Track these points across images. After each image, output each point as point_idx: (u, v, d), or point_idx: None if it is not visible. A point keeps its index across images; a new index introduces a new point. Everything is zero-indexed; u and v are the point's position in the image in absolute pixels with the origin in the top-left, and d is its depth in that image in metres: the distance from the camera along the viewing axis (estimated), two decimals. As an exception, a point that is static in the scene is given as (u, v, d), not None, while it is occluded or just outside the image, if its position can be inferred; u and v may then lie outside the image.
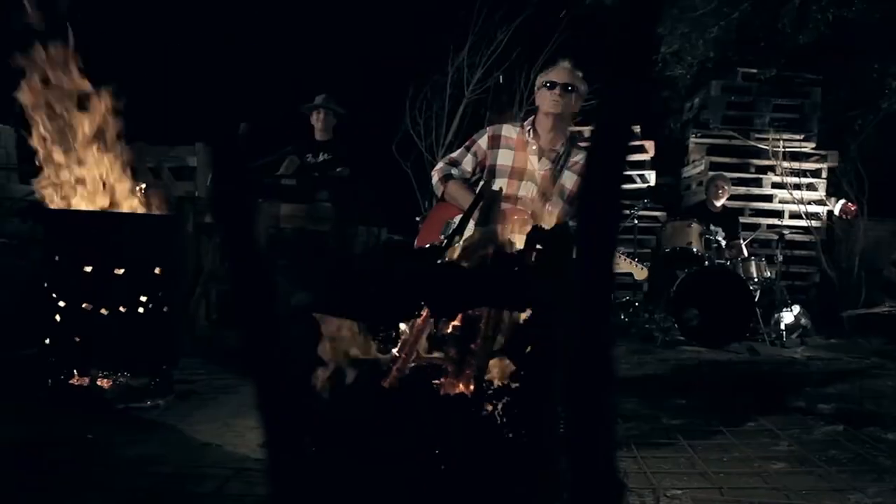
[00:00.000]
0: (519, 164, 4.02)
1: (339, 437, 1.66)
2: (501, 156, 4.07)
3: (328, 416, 1.68)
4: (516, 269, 1.69)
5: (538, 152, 4.02)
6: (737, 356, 6.72)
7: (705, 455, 3.25)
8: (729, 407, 4.25)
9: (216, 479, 2.71)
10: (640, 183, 9.87)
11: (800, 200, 9.55)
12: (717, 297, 7.16)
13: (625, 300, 8.54)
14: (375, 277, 1.76)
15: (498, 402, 1.62)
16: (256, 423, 3.59)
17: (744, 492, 2.78)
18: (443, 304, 1.71)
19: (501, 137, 4.12)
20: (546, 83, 4.02)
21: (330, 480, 1.64)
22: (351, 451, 1.63)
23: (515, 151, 4.05)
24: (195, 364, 4.83)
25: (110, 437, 3.20)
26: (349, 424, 1.66)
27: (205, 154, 6.87)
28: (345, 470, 1.63)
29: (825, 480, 2.93)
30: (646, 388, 4.80)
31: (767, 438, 3.59)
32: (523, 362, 1.66)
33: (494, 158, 4.08)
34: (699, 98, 10.24)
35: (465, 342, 1.75)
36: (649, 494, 2.70)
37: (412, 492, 1.58)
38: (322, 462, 1.66)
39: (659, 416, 4.02)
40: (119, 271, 3.73)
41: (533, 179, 3.98)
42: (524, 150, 4.04)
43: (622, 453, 3.24)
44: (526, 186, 4.00)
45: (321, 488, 1.65)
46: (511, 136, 4.10)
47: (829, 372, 5.72)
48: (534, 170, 3.99)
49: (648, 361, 6.21)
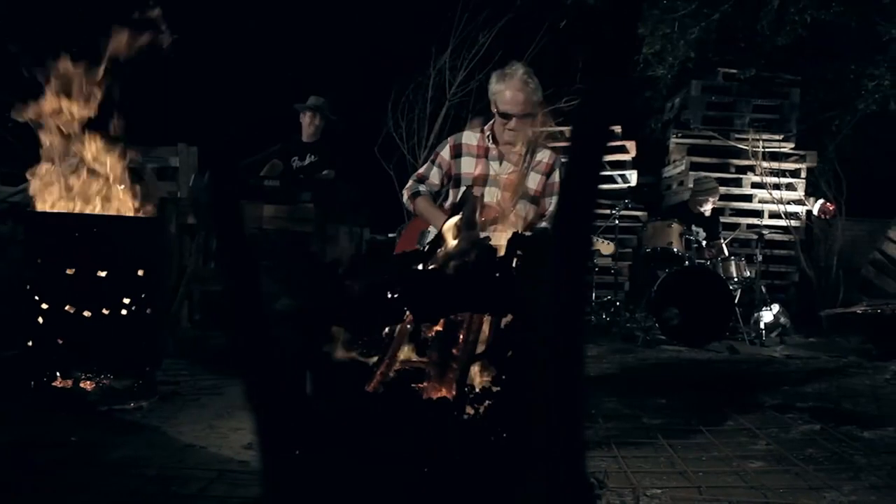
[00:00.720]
0: (481, 171, 4.06)
1: (324, 440, 1.68)
2: (464, 164, 4.12)
3: (313, 420, 1.70)
4: (497, 275, 1.72)
5: (498, 157, 4.06)
6: (717, 355, 6.79)
7: (685, 454, 3.29)
8: (708, 406, 4.29)
9: (200, 480, 2.72)
10: (621, 183, 9.93)
11: (779, 200, 9.63)
12: (697, 297, 7.23)
13: (606, 300, 8.60)
14: (359, 283, 1.78)
15: (479, 405, 1.65)
16: (240, 425, 3.63)
17: (722, 490, 2.82)
18: (425, 310, 1.73)
19: (462, 145, 4.17)
20: (500, 112, 4.01)
21: (314, 483, 1.66)
22: (335, 453, 1.66)
23: (476, 158, 4.09)
24: (178, 365, 4.83)
25: (94, 440, 3.20)
26: (333, 427, 1.68)
27: (187, 154, 6.86)
28: (329, 472, 1.66)
29: (802, 479, 2.97)
30: (627, 388, 4.85)
31: (746, 437, 3.63)
32: (504, 366, 1.69)
33: (458, 167, 4.14)
34: (680, 98, 10.31)
35: (448, 346, 1.78)
36: (629, 494, 2.73)
37: (396, 494, 1.61)
38: (307, 465, 1.68)
39: (640, 415, 4.07)
40: (102, 273, 3.74)
41: (496, 184, 4.01)
42: (485, 157, 4.07)
43: (603, 453, 3.27)
44: (490, 192, 4.04)
45: (306, 491, 1.67)
46: (471, 142, 4.15)
47: (807, 371, 5.79)
48: (495, 175, 4.02)
49: (630, 361, 6.26)
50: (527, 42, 9.15)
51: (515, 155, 4.07)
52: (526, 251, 1.73)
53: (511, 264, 1.74)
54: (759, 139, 9.72)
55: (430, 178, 4.21)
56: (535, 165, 4.08)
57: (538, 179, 4.05)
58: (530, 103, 3.97)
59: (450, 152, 4.18)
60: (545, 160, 4.10)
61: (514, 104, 3.96)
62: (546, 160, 4.10)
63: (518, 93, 3.95)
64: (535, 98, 4.00)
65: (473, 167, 4.08)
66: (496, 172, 4.04)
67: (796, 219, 9.78)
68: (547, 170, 4.08)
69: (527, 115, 3.96)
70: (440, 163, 4.20)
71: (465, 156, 4.14)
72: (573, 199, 1.24)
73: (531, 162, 4.08)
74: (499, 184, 4.01)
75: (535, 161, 4.08)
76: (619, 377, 5.47)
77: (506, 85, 4.00)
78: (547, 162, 4.09)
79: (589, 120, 1.22)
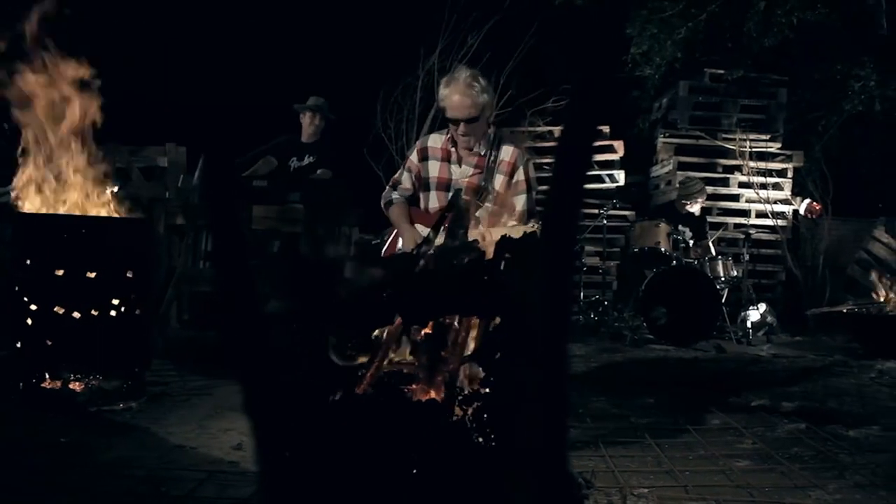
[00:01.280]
0: (443, 175, 4.09)
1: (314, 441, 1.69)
2: (430, 168, 4.17)
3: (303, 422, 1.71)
4: (485, 278, 1.74)
5: (457, 160, 4.09)
6: (704, 354, 6.83)
7: (672, 453, 3.32)
8: (695, 405, 4.33)
9: (191, 481, 2.73)
10: (609, 182, 9.97)
11: (766, 200, 9.69)
12: (684, 296, 7.27)
13: (594, 299, 8.64)
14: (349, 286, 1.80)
15: (468, 407, 1.67)
16: (230, 426, 3.63)
17: (709, 489, 2.84)
18: (414, 312, 1.75)
19: (428, 149, 4.21)
20: (449, 118, 4.03)
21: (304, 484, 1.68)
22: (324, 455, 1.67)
23: (440, 162, 4.13)
24: (167, 365, 4.83)
25: (84, 441, 3.21)
26: (323, 429, 1.70)
27: (175, 154, 6.85)
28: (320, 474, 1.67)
29: (788, 478, 3.00)
30: (615, 387, 4.88)
31: (732, 436, 3.66)
32: (493, 368, 1.71)
33: (426, 171, 4.18)
34: (667, 98, 10.36)
35: (437, 349, 1.80)
36: (616, 493, 2.76)
37: (386, 495, 1.62)
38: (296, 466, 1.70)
39: (627, 415, 4.10)
40: (91, 275, 3.74)
41: (456, 188, 4.03)
42: (447, 160, 4.10)
43: (591, 452, 3.30)
44: None
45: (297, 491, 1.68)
46: (436, 145, 4.19)
47: (793, 370, 5.84)
48: (456, 179, 4.05)
49: (617, 360, 6.29)
50: (515, 43, 9.18)
51: (475, 157, 4.08)
52: (514, 255, 1.75)
53: (499, 267, 1.76)
54: (746, 139, 9.77)
55: (403, 183, 4.24)
56: (497, 165, 4.06)
57: (501, 180, 4.03)
58: (476, 106, 3.93)
59: (417, 156, 4.22)
60: (507, 159, 4.06)
61: (460, 109, 3.95)
62: (507, 159, 4.06)
63: (463, 97, 3.93)
64: (482, 100, 3.96)
65: (438, 171, 4.12)
66: (457, 177, 4.06)
67: (783, 218, 9.84)
68: (509, 169, 4.05)
69: (473, 118, 3.95)
70: (409, 167, 4.24)
71: (430, 159, 4.17)
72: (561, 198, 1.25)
73: (495, 163, 4.06)
74: (461, 187, 4.02)
75: (498, 161, 4.06)
76: (607, 376, 5.50)
77: (451, 90, 3.99)
78: (508, 161, 4.06)
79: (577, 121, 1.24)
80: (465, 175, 4.06)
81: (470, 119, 3.94)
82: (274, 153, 6.87)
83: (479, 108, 3.94)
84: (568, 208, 1.24)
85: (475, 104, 3.93)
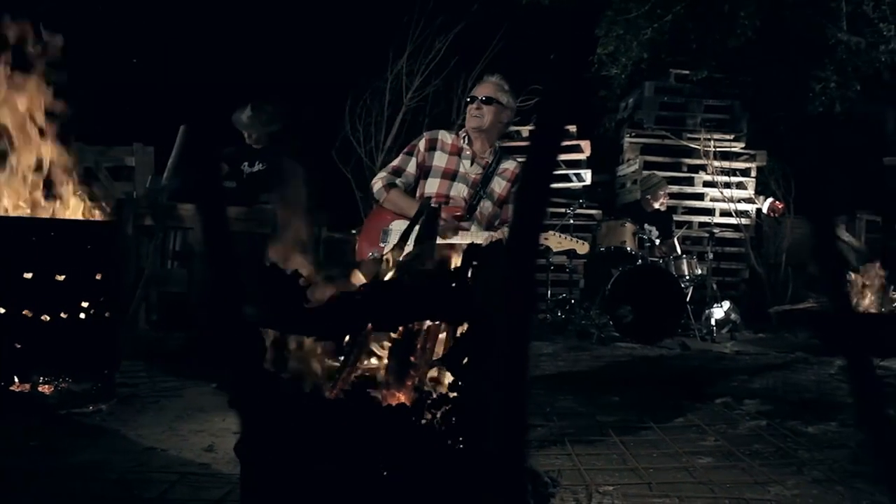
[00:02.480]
0: (451, 166, 4.23)
1: (285, 446, 1.73)
2: (437, 157, 4.32)
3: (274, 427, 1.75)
4: (453, 285, 1.78)
5: (471, 157, 4.26)
6: (669, 351, 6.94)
7: (636, 451, 3.39)
8: (660, 403, 4.41)
9: (162, 483, 2.75)
10: (576, 181, 10.07)
11: (730, 199, 9.84)
12: (649, 295, 7.37)
13: (561, 297, 8.72)
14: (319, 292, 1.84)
15: (437, 411, 1.72)
16: (200, 427, 3.65)
17: (671, 486, 2.91)
18: (384, 318, 1.80)
19: (438, 141, 4.40)
20: (469, 97, 4.35)
21: (276, 489, 1.72)
22: (296, 460, 1.71)
23: (449, 154, 4.28)
24: (137, 367, 4.83)
25: (55, 444, 3.21)
26: (294, 434, 1.73)
27: (143, 154, 6.83)
28: (290, 478, 1.71)
29: (748, 474, 3.08)
30: (581, 386, 4.95)
31: (695, 433, 3.74)
32: (461, 373, 1.75)
33: (431, 160, 4.33)
34: (633, 98, 10.48)
35: (406, 354, 1.85)
36: (582, 491, 2.82)
37: (356, 498, 1.67)
38: (267, 471, 1.73)
39: (594, 413, 4.16)
40: (60, 278, 3.74)
41: (464, 181, 4.20)
42: (458, 155, 4.25)
43: (558, 451, 3.36)
44: (456, 187, 4.23)
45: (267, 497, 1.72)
46: (447, 140, 4.39)
47: (755, 366, 5.95)
48: (465, 172, 4.20)
49: (584, 358, 6.37)
50: (483, 46, 9.25)
51: (483, 160, 4.32)
52: (482, 261, 1.80)
53: (467, 274, 1.81)
54: (710, 139, 9.91)
55: (407, 170, 4.41)
56: (501, 172, 4.32)
57: (503, 185, 4.32)
58: (496, 94, 4.26)
59: (425, 144, 4.40)
60: (511, 168, 4.35)
61: (480, 89, 4.32)
62: (512, 168, 4.36)
63: (489, 84, 4.32)
64: (503, 96, 4.30)
65: (445, 162, 4.26)
66: (466, 170, 4.21)
67: (746, 217, 10.01)
68: (512, 177, 4.36)
69: (488, 101, 4.23)
70: (415, 153, 4.43)
71: (438, 150, 4.36)
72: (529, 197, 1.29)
73: (497, 168, 4.30)
74: (467, 180, 4.21)
75: (502, 168, 4.33)
76: (574, 375, 5.57)
77: (478, 84, 4.43)
78: (513, 170, 4.36)
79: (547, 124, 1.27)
80: (474, 172, 4.28)
81: (484, 99, 4.23)
82: (224, 161, 6.87)
83: (497, 95, 4.26)
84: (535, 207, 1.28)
85: (496, 91, 4.27)
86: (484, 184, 4.26)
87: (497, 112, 4.28)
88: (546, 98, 1.24)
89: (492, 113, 4.26)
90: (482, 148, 4.31)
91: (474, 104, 4.27)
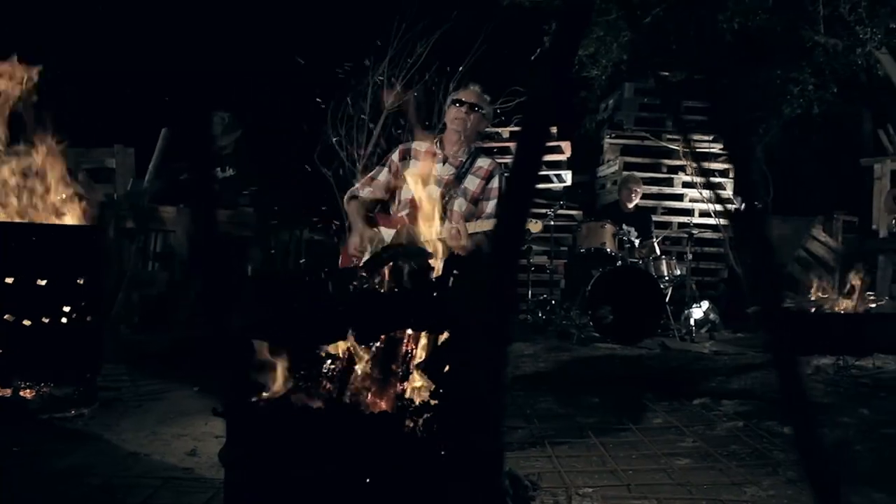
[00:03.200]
0: (424, 170, 4.28)
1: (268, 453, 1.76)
2: (411, 166, 4.35)
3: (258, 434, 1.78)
4: (435, 294, 1.81)
5: (443, 159, 4.35)
6: (649, 352, 6.99)
7: (615, 452, 3.43)
8: (639, 404, 4.46)
9: (146, 488, 2.76)
10: (556, 182, 10.11)
11: (709, 199, 9.91)
12: (629, 296, 7.42)
13: (542, 298, 8.76)
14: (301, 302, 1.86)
15: (419, 418, 1.75)
16: (183, 431, 3.66)
17: (650, 488, 2.96)
18: (366, 328, 1.82)
19: (412, 150, 4.48)
20: (455, 101, 4.41)
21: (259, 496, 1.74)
22: (279, 467, 1.74)
23: (422, 161, 4.33)
24: (118, 370, 4.82)
25: (38, 449, 3.22)
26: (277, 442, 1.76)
27: (124, 156, 6.80)
28: (273, 485, 1.74)
29: (725, 475, 3.13)
30: (562, 387, 4.99)
31: (674, 435, 3.80)
32: (442, 381, 1.79)
33: (406, 168, 4.35)
34: (613, 99, 10.54)
35: (389, 362, 1.88)
36: (562, 493, 2.86)
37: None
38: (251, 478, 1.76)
39: (574, 414, 4.21)
40: (42, 282, 3.74)
41: (437, 183, 4.25)
42: (431, 159, 4.32)
43: (538, 453, 3.41)
44: (431, 189, 4.25)
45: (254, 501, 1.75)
46: (420, 148, 4.48)
47: (733, 367, 6.01)
48: (438, 174, 4.27)
49: (564, 359, 6.41)
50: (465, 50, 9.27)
51: (457, 161, 4.39)
52: (462, 271, 1.83)
53: (447, 283, 1.84)
54: (689, 140, 9.97)
55: (378, 179, 4.44)
56: (475, 170, 4.38)
57: (477, 182, 4.36)
58: (481, 104, 4.39)
59: (399, 155, 4.46)
60: (485, 166, 4.40)
61: (469, 95, 4.40)
62: (486, 167, 4.40)
63: (471, 91, 4.44)
64: (486, 106, 4.45)
65: (419, 168, 4.31)
66: (439, 173, 4.27)
67: (725, 217, 10.07)
68: (486, 175, 4.40)
69: (475, 108, 4.34)
70: (389, 165, 4.50)
71: (412, 159, 4.42)
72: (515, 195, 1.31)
73: (471, 167, 4.37)
74: (440, 182, 4.27)
75: (476, 166, 4.39)
76: (554, 376, 5.62)
77: (462, 89, 4.57)
78: (487, 168, 4.41)
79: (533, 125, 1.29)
80: (446, 173, 4.34)
81: (472, 106, 4.34)
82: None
83: (482, 104, 4.40)
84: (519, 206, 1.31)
85: (481, 100, 4.41)
86: (457, 182, 4.33)
87: (479, 120, 4.40)
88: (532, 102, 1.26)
89: (476, 120, 4.37)
90: (456, 150, 4.40)
91: (463, 108, 4.35)
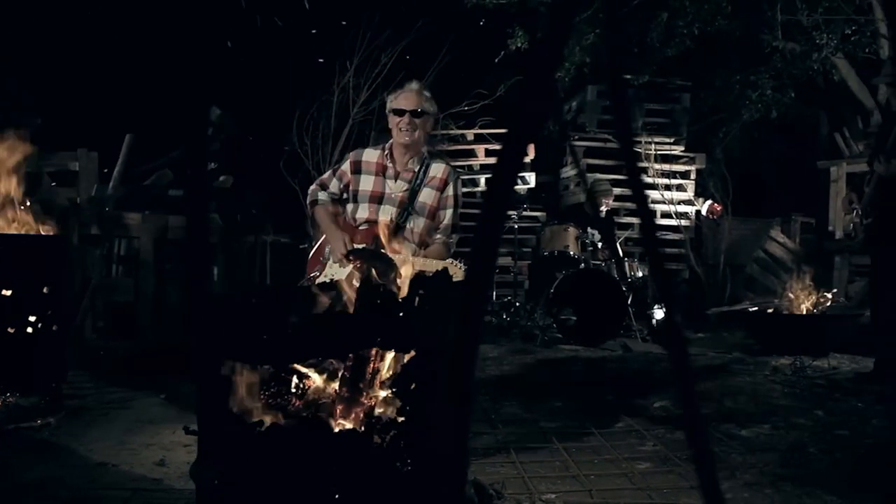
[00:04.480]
0: (377, 189, 4.16)
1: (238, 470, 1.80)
2: (363, 181, 4.20)
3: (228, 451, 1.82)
4: (401, 314, 1.86)
5: (394, 175, 4.18)
6: (611, 353, 7.09)
7: (578, 457, 3.51)
8: (601, 408, 4.54)
9: (115, 500, 2.78)
10: (520, 184, 10.18)
11: (670, 201, 10.06)
12: (591, 298, 7.51)
13: (506, 300, 8.83)
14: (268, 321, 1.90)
15: (385, 435, 1.80)
16: (150, 440, 3.68)
17: (612, 493, 3.04)
18: (333, 347, 1.87)
19: (362, 162, 4.26)
20: (395, 111, 4.16)
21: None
22: (252, 483, 1.78)
23: (375, 176, 4.19)
24: (83, 377, 4.80)
25: (5, 460, 3.21)
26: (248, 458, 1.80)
27: (87, 160, 6.76)
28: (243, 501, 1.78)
29: (684, 479, 3.22)
30: (526, 391, 5.05)
31: (635, 439, 3.88)
32: (408, 398, 1.84)
33: (357, 183, 4.21)
34: (576, 102, 10.64)
35: (356, 381, 1.92)
36: (526, 500, 2.93)
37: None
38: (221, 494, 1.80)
39: (537, 419, 4.28)
40: (6, 293, 3.73)
41: (391, 202, 4.12)
42: (382, 175, 4.19)
43: (502, 459, 3.47)
44: (384, 210, 4.13)
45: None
46: (371, 160, 4.25)
47: (693, 368, 6.12)
48: (391, 193, 4.14)
49: (529, 362, 6.48)
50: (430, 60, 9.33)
51: (409, 173, 4.18)
52: (428, 290, 1.88)
53: (413, 303, 1.89)
54: (651, 142, 10.11)
55: (331, 188, 4.31)
56: (428, 181, 4.19)
57: (433, 195, 4.17)
58: (422, 105, 4.13)
59: (350, 167, 4.27)
60: (439, 175, 4.21)
61: (408, 101, 4.13)
62: (440, 175, 4.22)
63: (412, 94, 4.15)
64: (428, 104, 4.17)
65: (371, 185, 4.17)
66: (391, 190, 4.15)
67: (686, 219, 10.22)
68: (441, 185, 4.20)
69: (417, 113, 4.10)
70: (341, 176, 4.30)
71: (364, 173, 4.22)
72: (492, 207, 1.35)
73: (425, 178, 4.19)
74: (393, 201, 4.11)
75: (429, 177, 4.19)
76: (518, 380, 5.68)
77: (401, 90, 4.23)
78: (441, 177, 4.21)
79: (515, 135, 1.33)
80: (399, 189, 4.14)
81: (415, 112, 4.08)
82: (172, 166, 6.86)
83: (425, 105, 4.13)
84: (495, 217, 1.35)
85: (421, 103, 4.12)
86: (411, 200, 4.13)
87: (425, 123, 4.19)
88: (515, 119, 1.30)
89: (422, 126, 4.16)
90: (406, 161, 4.20)
91: (404, 117, 4.11)
